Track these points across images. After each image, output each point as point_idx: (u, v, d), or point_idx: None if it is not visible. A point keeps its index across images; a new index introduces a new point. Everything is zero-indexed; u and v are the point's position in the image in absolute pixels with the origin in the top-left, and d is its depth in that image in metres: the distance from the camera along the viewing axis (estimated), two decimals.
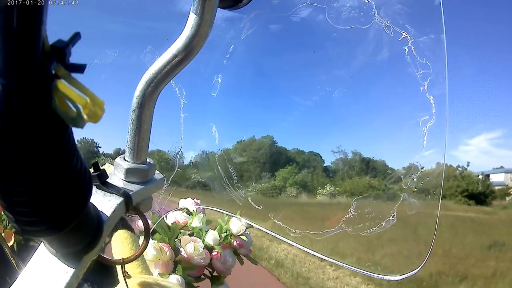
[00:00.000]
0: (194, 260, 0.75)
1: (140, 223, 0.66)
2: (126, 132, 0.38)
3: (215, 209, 0.87)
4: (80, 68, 0.20)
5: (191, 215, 0.85)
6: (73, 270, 0.30)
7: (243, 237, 0.84)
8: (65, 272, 0.29)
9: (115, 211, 0.33)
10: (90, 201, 0.28)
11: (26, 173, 0.21)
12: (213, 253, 0.80)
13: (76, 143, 0.24)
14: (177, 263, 0.74)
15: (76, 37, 0.20)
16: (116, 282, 0.38)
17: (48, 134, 0.21)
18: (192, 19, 0.34)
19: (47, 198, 0.23)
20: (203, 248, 0.77)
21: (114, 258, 0.38)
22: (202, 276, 0.79)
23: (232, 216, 0.85)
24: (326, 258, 0.82)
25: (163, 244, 0.74)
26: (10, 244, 0.64)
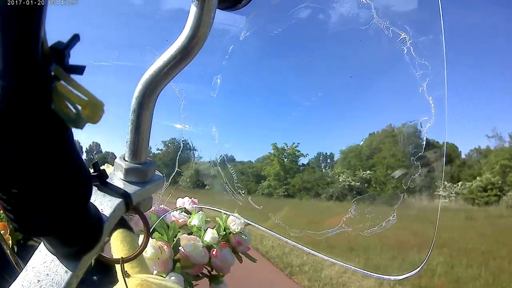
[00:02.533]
0: (193, 258, 0.76)
1: (140, 223, 0.67)
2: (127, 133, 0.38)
3: (212, 208, 0.88)
4: (79, 70, 0.20)
5: (189, 214, 0.86)
6: (73, 269, 0.30)
7: (242, 235, 0.85)
8: (65, 271, 0.30)
9: (115, 211, 0.33)
10: (90, 201, 0.28)
11: (26, 173, 0.21)
12: (212, 252, 0.80)
13: (76, 143, 0.24)
14: (176, 262, 0.75)
15: (75, 39, 0.21)
16: (116, 281, 0.39)
17: (48, 135, 0.21)
18: (191, 20, 0.34)
19: (47, 198, 0.23)
20: (202, 247, 0.78)
21: (113, 257, 0.38)
22: (201, 275, 0.79)
23: (230, 215, 0.85)
24: (327, 258, 0.82)
25: (162, 242, 0.74)
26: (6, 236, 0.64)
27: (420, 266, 0.70)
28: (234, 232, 0.84)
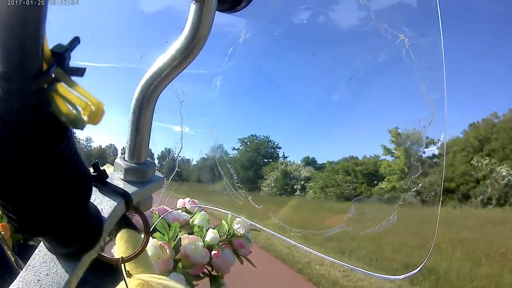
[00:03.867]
0: (194, 258, 0.76)
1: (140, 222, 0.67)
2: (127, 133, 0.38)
3: (213, 208, 0.88)
4: (80, 72, 0.21)
5: (190, 214, 0.86)
6: (73, 269, 0.30)
7: (246, 238, 0.85)
8: (64, 271, 0.30)
9: (115, 211, 0.34)
10: (90, 200, 0.29)
11: (27, 174, 0.22)
12: (213, 252, 0.80)
13: (76, 144, 0.24)
14: (177, 262, 0.75)
15: (75, 41, 0.21)
16: (119, 280, 0.39)
17: (49, 136, 0.21)
18: (190, 22, 0.34)
19: (47, 198, 0.23)
20: (203, 247, 0.78)
21: (115, 257, 0.38)
22: (202, 275, 0.80)
23: (230, 215, 0.85)
24: (327, 258, 0.82)
25: (163, 242, 0.74)
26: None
27: (420, 266, 0.70)
28: (239, 235, 0.84)
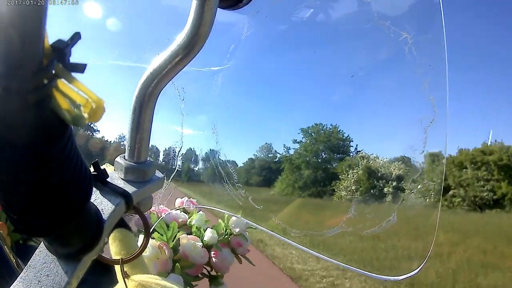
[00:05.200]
0: (193, 258, 0.75)
1: (139, 222, 0.66)
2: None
3: (211, 208, 0.87)
4: (80, 68, 0.20)
5: (188, 214, 0.86)
6: (73, 270, 0.30)
7: (242, 237, 0.85)
8: (65, 271, 0.29)
9: (115, 211, 0.33)
10: (90, 200, 0.28)
11: (27, 173, 0.21)
12: (212, 252, 0.80)
13: (77, 142, 0.24)
14: (175, 262, 0.74)
15: (76, 37, 0.21)
16: (115, 281, 0.38)
17: (49, 133, 0.21)
18: (191, 19, 0.34)
19: (47, 198, 0.23)
20: (201, 247, 0.78)
21: (113, 258, 0.38)
22: (200, 275, 0.79)
23: (227, 214, 0.85)
24: (326, 258, 0.82)
25: (161, 243, 0.74)
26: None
27: (420, 266, 0.70)
28: (235, 233, 0.84)
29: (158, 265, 0.72)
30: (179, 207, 0.86)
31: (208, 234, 0.81)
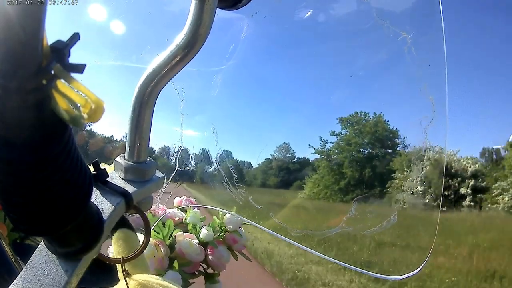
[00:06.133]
0: (189, 256, 0.76)
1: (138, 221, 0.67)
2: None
3: (209, 207, 0.88)
4: (80, 68, 0.20)
5: (185, 213, 0.86)
6: (73, 269, 0.30)
7: (237, 233, 0.85)
8: (65, 271, 0.30)
9: (116, 211, 0.33)
10: (90, 200, 0.28)
11: (27, 173, 0.21)
12: (208, 249, 0.80)
13: (76, 142, 0.24)
14: (172, 260, 0.75)
15: (75, 37, 0.21)
16: (115, 280, 0.38)
17: (48, 134, 0.21)
18: (191, 19, 0.34)
19: (47, 198, 0.23)
20: (198, 244, 0.78)
21: (114, 257, 0.38)
22: (197, 273, 0.80)
23: (227, 213, 0.85)
24: (326, 258, 0.82)
25: (158, 240, 0.74)
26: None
27: (421, 266, 0.70)
28: (230, 230, 0.84)
29: (154, 263, 0.72)
30: (177, 206, 0.87)
31: (204, 232, 0.81)
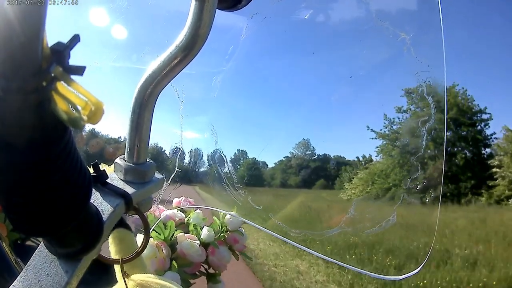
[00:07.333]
0: (190, 256, 0.76)
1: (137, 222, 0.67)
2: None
3: (208, 207, 0.88)
4: (79, 70, 0.20)
5: (185, 213, 0.86)
6: (73, 270, 0.30)
7: (238, 233, 0.85)
8: (65, 271, 0.30)
9: (115, 211, 0.33)
10: (90, 201, 0.28)
11: (27, 173, 0.21)
12: (209, 250, 0.80)
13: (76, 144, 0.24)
14: (173, 260, 0.75)
15: (75, 39, 0.21)
16: (114, 281, 0.38)
17: (48, 136, 0.21)
18: (190, 20, 0.34)
19: (47, 199, 0.23)
20: (199, 245, 0.78)
21: (113, 257, 0.38)
22: (198, 273, 0.80)
23: (227, 214, 0.85)
24: (326, 258, 0.82)
25: (159, 241, 0.74)
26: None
27: (420, 266, 0.70)
28: (230, 230, 0.84)
29: (155, 264, 0.72)
30: (176, 206, 0.87)
31: (205, 232, 0.81)
